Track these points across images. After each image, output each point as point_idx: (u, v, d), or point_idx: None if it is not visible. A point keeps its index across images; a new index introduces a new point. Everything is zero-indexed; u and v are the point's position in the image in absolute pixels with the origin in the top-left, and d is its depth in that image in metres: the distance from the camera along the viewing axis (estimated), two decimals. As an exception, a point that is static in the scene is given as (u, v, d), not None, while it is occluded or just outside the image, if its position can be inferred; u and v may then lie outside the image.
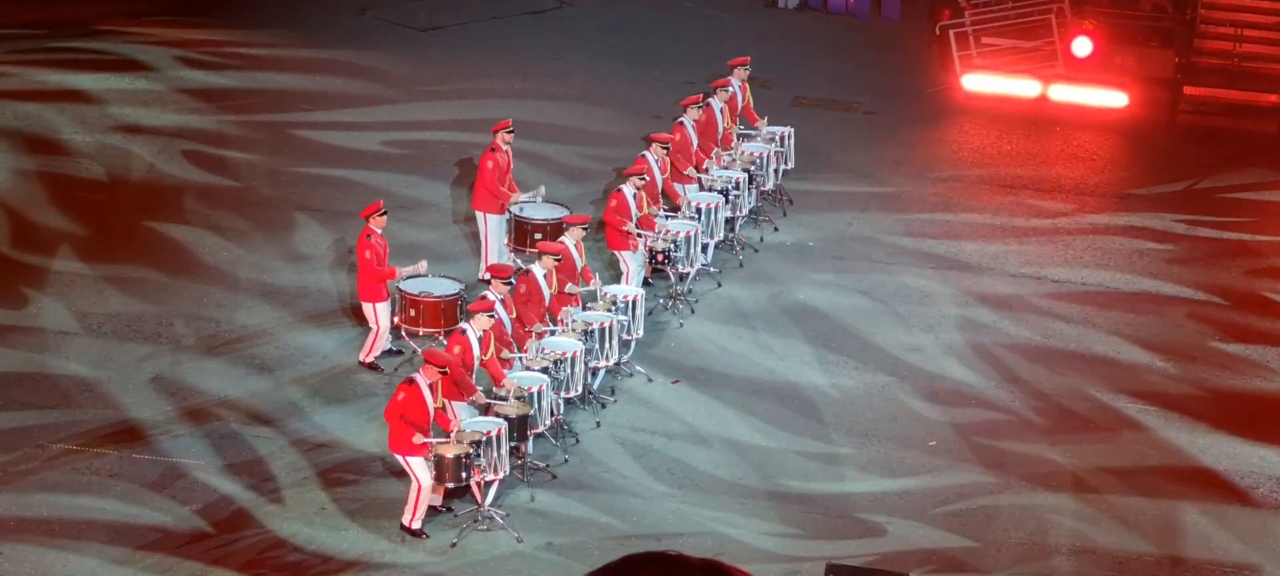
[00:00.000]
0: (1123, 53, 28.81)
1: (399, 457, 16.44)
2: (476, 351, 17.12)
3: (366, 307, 19.12)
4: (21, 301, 20.21)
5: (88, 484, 17.04)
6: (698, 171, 22.04)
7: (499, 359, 17.41)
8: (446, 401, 16.66)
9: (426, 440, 16.18)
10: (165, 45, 28.34)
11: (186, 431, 17.93)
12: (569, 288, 18.78)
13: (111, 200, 22.93)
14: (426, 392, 16.29)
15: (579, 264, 19.18)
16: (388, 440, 16.56)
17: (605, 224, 20.52)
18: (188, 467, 17.34)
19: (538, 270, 18.51)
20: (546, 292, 18.44)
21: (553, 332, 18.22)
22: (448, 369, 16.52)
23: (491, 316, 17.32)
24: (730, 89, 23.13)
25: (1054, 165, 26.25)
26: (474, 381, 17.10)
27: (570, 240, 19.14)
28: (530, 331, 18.10)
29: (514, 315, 18.08)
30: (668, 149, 21.56)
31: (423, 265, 19.24)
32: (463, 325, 17.44)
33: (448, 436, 16.39)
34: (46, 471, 17.19)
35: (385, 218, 19.11)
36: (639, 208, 20.40)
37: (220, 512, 16.69)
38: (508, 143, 20.92)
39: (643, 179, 20.51)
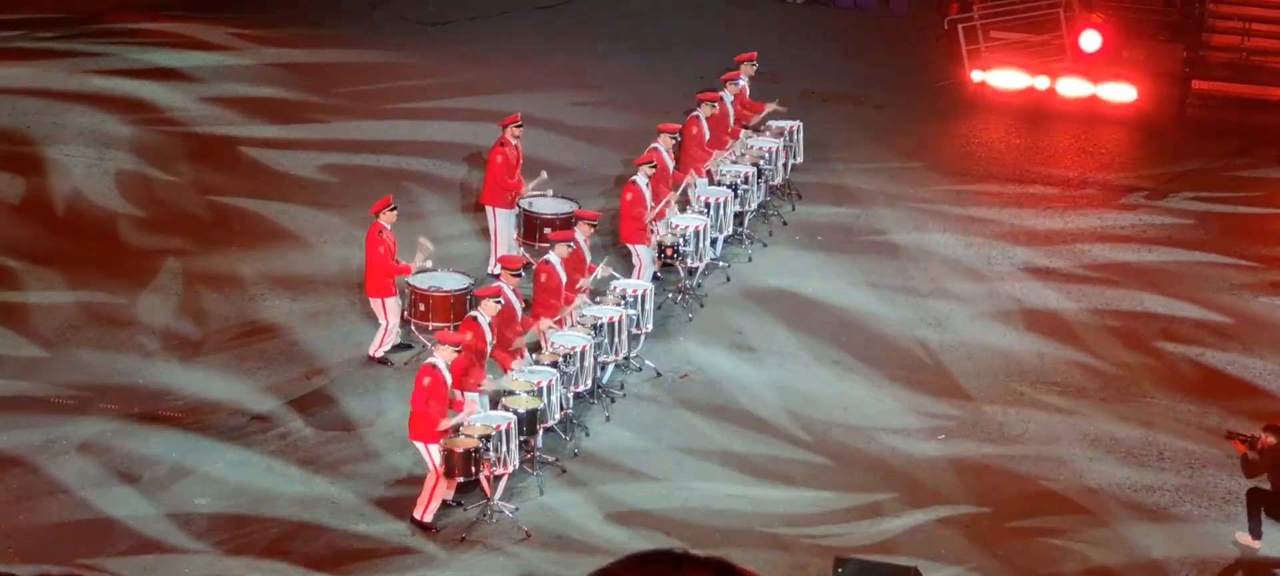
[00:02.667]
0: (1131, 47, 28.82)
1: (419, 445, 16.47)
2: (489, 337, 17.19)
3: (375, 303, 19.18)
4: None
5: (83, 472, 17.12)
6: (707, 167, 22.09)
7: (508, 349, 17.48)
8: (458, 388, 16.73)
9: (448, 424, 16.21)
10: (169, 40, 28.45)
11: (197, 424, 17.99)
12: (579, 283, 18.83)
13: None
14: (447, 374, 16.36)
15: (587, 258, 19.22)
16: (408, 428, 16.59)
17: (621, 216, 20.53)
18: (198, 461, 17.40)
19: (554, 258, 18.55)
20: (564, 279, 18.51)
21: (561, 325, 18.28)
22: (461, 347, 16.58)
23: (499, 301, 17.38)
24: (739, 83, 23.19)
25: (1062, 159, 26.29)
26: (484, 372, 17.18)
27: (581, 236, 19.17)
28: (538, 324, 18.14)
29: (524, 306, 18.15)
30: (678, 139, 21.61)
31: (425, 244, 19.17)
32: (473, 312, 17.49)
33: (460, 418, 16.46)
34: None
35: (395, 213, 19.18)
36: (652, 198, 20.45)
37: (230, 505, 16.76)
38: (517, 137, 20.98)
39: (652, 167, 20.55)
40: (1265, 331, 20.97)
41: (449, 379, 16.37)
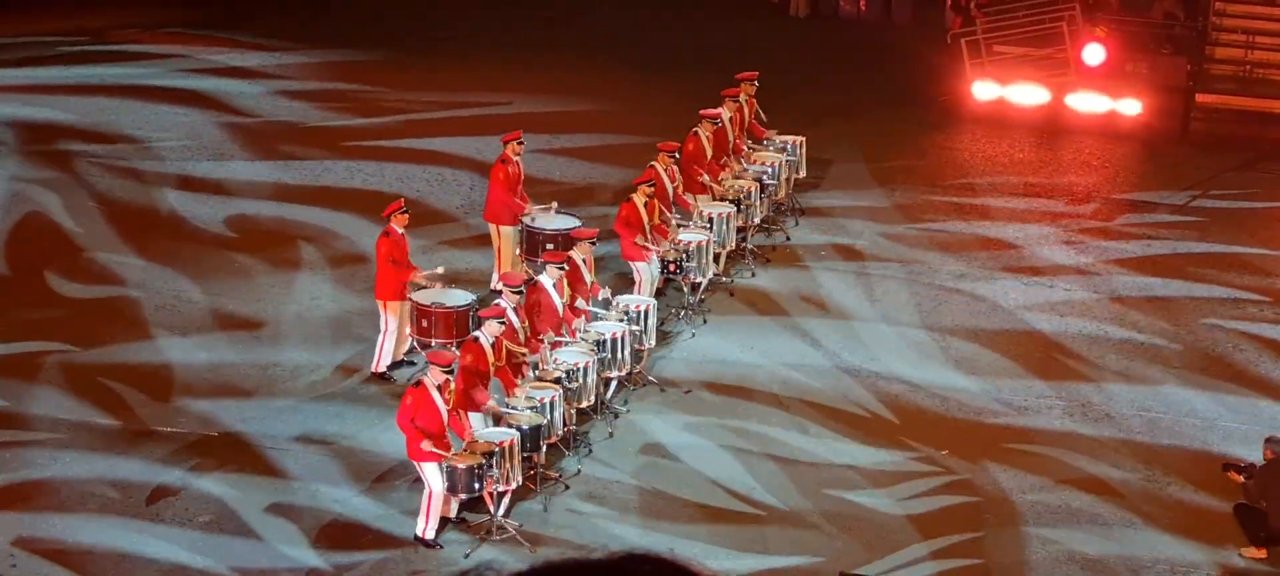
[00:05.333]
0: (1135, 60, 28.84)
1: (415, 463, 16.42)
2: (491, 357, 17.13)
3: (380, 306, 19.11)
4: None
5: (87, 497, 17.06)
6: (711, 181, 22.06)
7: (511, 367, 17.43)
8: (459, 409, 16.66)
9: (436, 451, 16.17)
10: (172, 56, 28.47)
11: (200, 440, 17.94)
12: (578, 303, 18.79)
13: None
14: (435, 395, 16.28)
15: (588, 279, 19.17)
16: (406, 446, 16.54)
17: (620, 234, 20.50)
18: (202, 477, 17.34)
19: (546, 280, 18.53)
20: (558, 302, 18.46)
21: (565, 343, 18.23)
22: (453, 367, 16.53)
23: (502, 322, 17.33)
24: (738, 101, 23.19)
25: (1066, 173, 26.30)
26: (488, 391, 17.12)
27: (579, 255, 19.12)
28: (542, 340, 18.10)
29: (525, 324, 18.10)
30: (676, 157, 21.59)
31: (440, 270, 19.28)
32: (475, 332, 17.44)
33: (463, 442, 16.40)
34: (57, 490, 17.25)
35: (406, 216, 19.17)
36: (650, 216, 20.41)
37: (233, 524, 16.69)
38: (518, 154, 20.94)
39: (651, 187, 20.52)
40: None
41: (439, 400, 16.29)
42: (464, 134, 25.93)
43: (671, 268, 20.32)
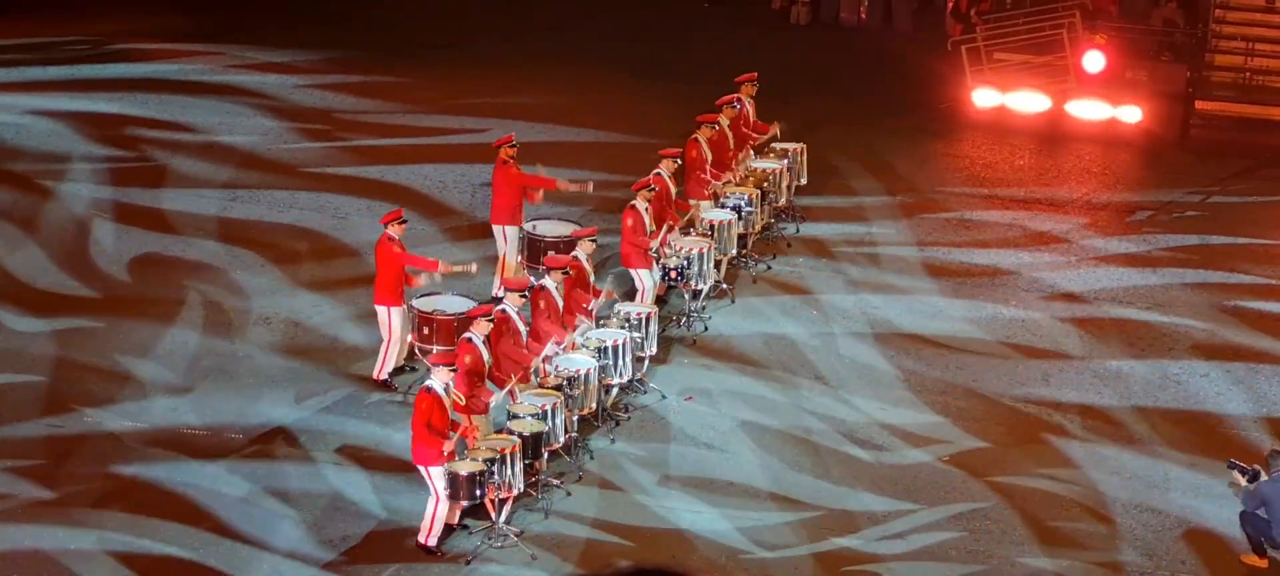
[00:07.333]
0: (1135, 67, 28.90)
1: (422, 469, 16.40)
2: (486, 356, 17.15)
3: (381, 311, 19.12)
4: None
5: (91, 504, 17.06)
6: (715, 185, 22.10)
7: (519, 367, 17.47)
8: (462, 416, 16.68)
9: (468, 427, 16.18)
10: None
11: (201, 451, 17.95)
12: (587, 305, 18.83)
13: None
14: (445, 397, 16.30)
15: (591, 278, 19.22)
16: (411, 452, 16.50)
17: (622, 241, 20.50)
18: (202, 488, 17.35)
19: (550, 283, 18.56)
20: (561, 304, 18.51)
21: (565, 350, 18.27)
22: (455, 369, 16.54)
23: (490, 320, 17.34)
24: (738, 105, 23.20)
25: (1066, 180, 26.34)
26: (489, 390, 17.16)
27: (582, 254, 19.19)
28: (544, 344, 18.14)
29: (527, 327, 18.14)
30: (678, 162, 21.62)
31: (473, 266, 19.35)
32: (467, 333, 17.39)
33: (468, 449, 16.42)
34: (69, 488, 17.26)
35: (404, 226, 19.18)
36: (652, 222, 20.44)
37: (233, 531, 16.69)
38: (512, 156, 20.90)
39: (652, 191, 20.54)
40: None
41: (448, 401, 16.32)
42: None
43: (672, 275, 20.35)
